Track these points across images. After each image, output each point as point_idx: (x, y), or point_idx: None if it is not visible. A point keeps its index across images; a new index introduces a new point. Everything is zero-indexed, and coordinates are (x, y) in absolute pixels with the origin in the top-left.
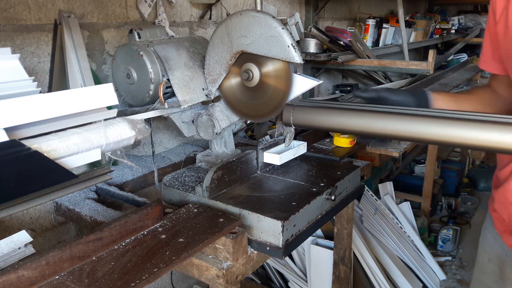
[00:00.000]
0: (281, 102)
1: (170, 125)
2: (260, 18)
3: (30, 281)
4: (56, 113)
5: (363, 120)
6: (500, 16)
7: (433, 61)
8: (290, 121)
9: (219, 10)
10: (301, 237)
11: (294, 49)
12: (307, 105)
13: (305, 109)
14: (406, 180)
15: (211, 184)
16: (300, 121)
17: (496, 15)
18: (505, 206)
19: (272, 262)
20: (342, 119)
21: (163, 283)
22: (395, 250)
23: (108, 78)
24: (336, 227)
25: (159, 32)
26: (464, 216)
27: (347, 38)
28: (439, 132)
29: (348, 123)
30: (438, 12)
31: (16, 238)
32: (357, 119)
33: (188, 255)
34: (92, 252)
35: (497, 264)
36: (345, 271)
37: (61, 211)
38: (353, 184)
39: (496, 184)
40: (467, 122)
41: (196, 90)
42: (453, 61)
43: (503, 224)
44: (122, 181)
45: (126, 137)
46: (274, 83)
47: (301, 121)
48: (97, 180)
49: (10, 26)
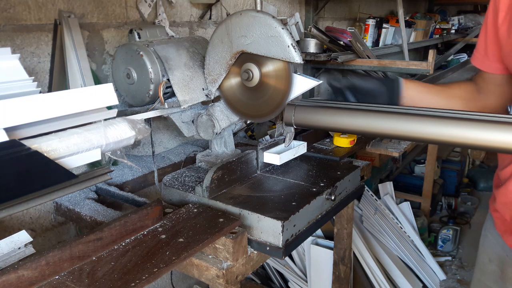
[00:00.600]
0: (281, 102)
1: (170, 125)
2: (260, 18)
3: (30, 281)
4: (56, 113)
5: (364, 119)
6: (505, 15)
7: (433, 61)
8: (292, 121)
9: (219, 10)
10: (301, 237)
11: (294, 49)
12: (308, 105)
13: (307, 109)
14: (406, 180)
15: (211, 184)
16: (301, 120)
17: (499, 14)
18: (507, 206)
19: (272, 262)
20: (343, 119)
21: (163, 283)
22: (395, 250)
23: (108, 78)
24: (336, 227)
25: (159, 32)
26: (464, 216)
27: (347, 38)
28: (440, 132)
29: (350, 122)
30: (438, 12)
31: (16, 238)
32: (358, 119)
33: (188, 255)
34: (92, 252)
35: (498, 265)
36: (345, 271)
37: (61, 211)
38: (353, 184)
39: (497, 184)
40: (468, 122)
41: (196, 90)
42: (453, 61)
43: (504, 224)
44: (122, 181)
45: (126, 137)
46: (274, 83)
47: (302, 121)
48: (97, 180)
49: (10, 26)
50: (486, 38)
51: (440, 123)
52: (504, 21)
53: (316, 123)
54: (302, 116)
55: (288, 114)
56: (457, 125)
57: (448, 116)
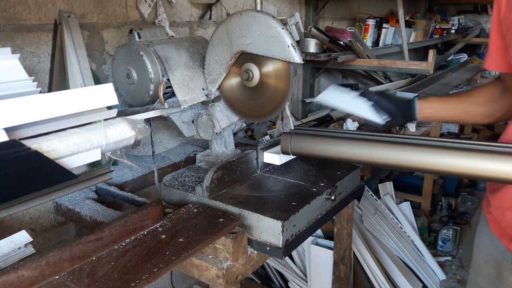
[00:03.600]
0: (281, 102)
1: (170, 125)
2: (260, 18)
3: (30, 281)
4: (56, 113)
5: (360, 149)
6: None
7: (433, 61)
8: (288, 150)
9: (219, 10)
10: (301, 237)
11: (294, 49)
12: (305, 133)
13: (303, 137)
14: (406, 180)
15: (211, 184)
16: (298, 149)
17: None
18: (501, 211)
19: (272, 262)
20: (339, 148)
21: (163, 283)
22: (395, 250)
23: (108, 78)
24: (336, 227)
25: (159, 32)
26: (464, 216)
27: (347, 38)
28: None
29: (346, 152)
30: (438, 12)
31: (16, 238)
32: (354, 148)
33: (188, 255)
34: (92, 252)
35: (494, 266)
36: (345, 271)
37: (61, 211)
38: (353, 184)
39: (491, 189)
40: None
41: (196, 90)
42: (453, 61)
43: (499, 228)
44: (122, 181)
45: (126, 137)
46: (274, 83)
47: (299, 150)
48: (97, 180)
49: (10, 26)
50: (498, 37)
51: (431, 153)
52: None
53: (313, 152)
54: (299, 145)
55: (284, 142)
56: (461, 156)
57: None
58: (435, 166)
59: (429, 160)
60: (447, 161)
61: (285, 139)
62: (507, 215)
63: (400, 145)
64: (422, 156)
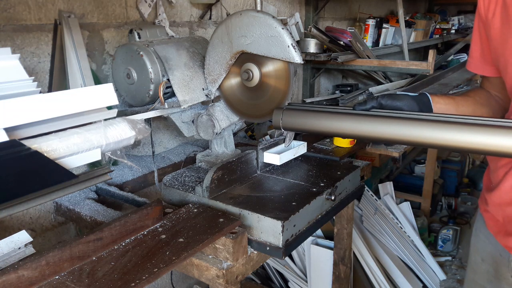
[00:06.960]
0: (281, 102)
1: (170, 125)
2: (260, 18)
3: (30, 281)
4: (56, 113)
5: (351, 123)
6: (492, 14)
7: (433, 61)
8: (280, 124)
9: (219, 10)
10: (301, 237)
11: (294, 49)
12: (297, 108)
13: (295, 112)
14: (406, 180)
15: (211, 184)
16: (289, 124)
17: (488, 13)
18: (500, 207)
19: (272, 262)
20: (330, 123)
21: (163, 283)
22: (395, 250)
23: (108, 78)
24: (336, 227)
25: (159, 32)
26: (464, 216)
27: (347, 38)
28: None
29: (337, 126)
30: (438, 12)
31: (16, 238)
32: (345, 122)
33: (188, 255)
34: (92, 252)
35: (491, 264)
36: (345, 271)
37: (61, 211)
38: (353, 184)
39: (488, 186)
40: (462, 126)
41: (196, 90)
42: (453, 61)
43: (496, 225)
44: (122, 181)
45: (126, 137)
46: (274, 83)
47: (290, 125)
48: (97, 180)
49: (10, 26)
50: (481, 42)
51: (423, 126)
52: (494, 17)
53: (304, 127)
54: (290, 120)
55: (276, 118)
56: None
57: (437, 119)
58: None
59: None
60: (436, 134)
61: (276, 114)
62: (507, 211)
63: (391, 119)
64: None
